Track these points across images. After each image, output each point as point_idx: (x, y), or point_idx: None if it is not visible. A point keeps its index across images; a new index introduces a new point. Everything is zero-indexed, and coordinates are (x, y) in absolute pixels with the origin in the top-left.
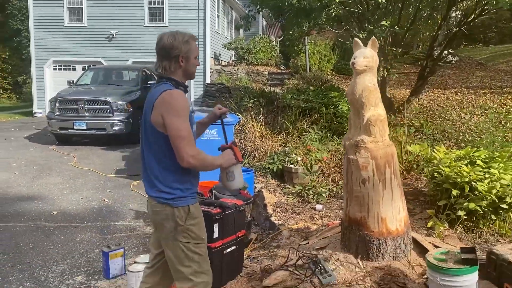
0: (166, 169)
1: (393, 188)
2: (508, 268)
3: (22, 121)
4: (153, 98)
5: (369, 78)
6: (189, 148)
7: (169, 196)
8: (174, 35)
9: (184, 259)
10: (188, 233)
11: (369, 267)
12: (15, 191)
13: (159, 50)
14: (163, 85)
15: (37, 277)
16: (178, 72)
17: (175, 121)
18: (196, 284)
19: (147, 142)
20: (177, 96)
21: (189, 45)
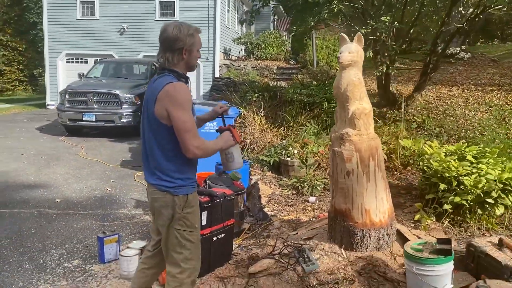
0: (169, 159)
1: (377, 181)
2: (485, 260)
3: (35, 112)
4: (156, 90)
5: (354, 72)
6: (194, 140)
7: (171, 185)
8: (179, 27)
9: (177, 246)
10: (183, 221)
11: (352, 257)
12: (22, 179)
13: (163, 41)
14: (165, 77)
15: (36, 260)
16: (181, 64)
17: (180, 114)
18: (185, 269)
19: (150, 132)
20: (181, 88)
21: (193, 38)
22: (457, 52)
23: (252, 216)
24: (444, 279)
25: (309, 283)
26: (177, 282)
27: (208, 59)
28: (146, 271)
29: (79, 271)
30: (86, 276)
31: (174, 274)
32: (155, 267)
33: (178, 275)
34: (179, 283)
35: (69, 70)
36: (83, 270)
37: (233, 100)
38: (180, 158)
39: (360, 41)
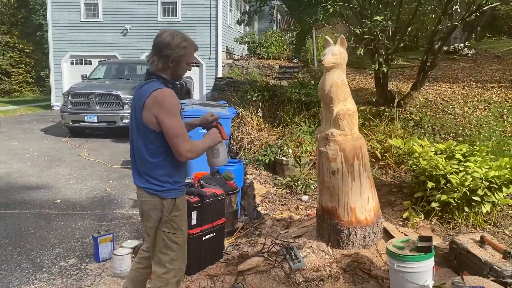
0: (158, 163)
1: (361, 179)
2: (467, 256)
3: (40, 114)
4: (143, 96)
5: (337, 74)
6: (186, 144)
7: (159, 188)
8: (174, 35)
9: (163, 247)
10: (171, 224)
11: (338, 255)
12: (24, 180)
13: (154, 44)
14: (152, 83)
15: (33, 259)
16: (167, 71)
17: (170, 120)
18: (170, 270)
19: (138, 137)
20: (168, 94)
21: (185, 51)
22: (461, 48)
23: (247, 215)
24: (424, 276)
25: (295, 280)
26: (162, 282)
27: (211, 59)
28: (141, 270)
29: (75, 270)
30: (81, 275)
31: (159, 275)
32: (151, 267)
33: (163, 275)
34: (165, 283)
35: (73, 71)
36: (78, 268)
37: (232, 100)
38: (169, 162)
39: (343, 43)
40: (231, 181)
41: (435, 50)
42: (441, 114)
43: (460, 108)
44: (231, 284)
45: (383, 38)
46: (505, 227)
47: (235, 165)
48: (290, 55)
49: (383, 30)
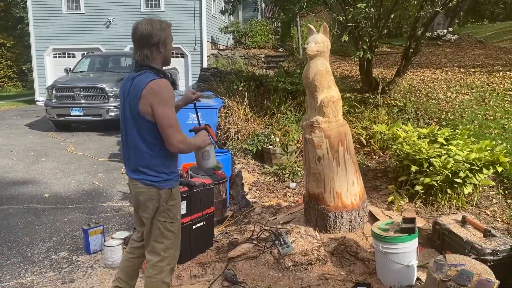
0: (154, 154)
1: (346, 165)
2: (449, 236)
3: (24, 109)
4: (139, 87)
5: (321, 62)
6: (178, 135)
7: (156, 179)
8: (151, 23)
9: (159, 236)
10: (167, 213)
11: (325, 239)
12: (11, 176)
13: (138, 39)
14: (146, 74)
15: (24, 253)
16: (158, 58)
17: (164, 110)
18: (164, 258)
19: (134, 129)
20: (165, 86)
21: (166, 32)
22: (444, 34)
23: (236, 203)
24: (408, 256)
25: (284, 265)
26: (156, 270)
27: (196, 49)
28: (133, 259)
29: (66, 262)
30: (72, 267)
31: (154, 263)
32: (142, 257)
33: (158, 263)
34: (159, 271)
35: (56, 65)
36: (69, 261)
37: (218, 90)
38: (165, 153)
39: (326, 31)
40: (219, 171)
41: (417, 36)
42: (425, 100)
43: (443, 93)
44: (222, 270)
45: (366, 25)
46: (486, 207)
47: (222, 155)
48: (275, 44)
49: (367, 17)
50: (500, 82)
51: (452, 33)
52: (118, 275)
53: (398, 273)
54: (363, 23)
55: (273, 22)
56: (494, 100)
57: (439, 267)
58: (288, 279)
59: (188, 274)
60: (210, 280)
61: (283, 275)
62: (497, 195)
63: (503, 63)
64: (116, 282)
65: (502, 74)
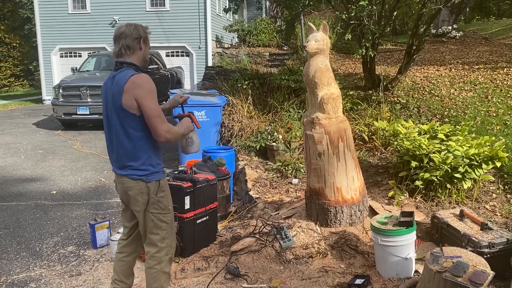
0: (139, 148)
1: (346, 160)
2: (447, 230)
3: (31, 108)
4: (121, 83)
5: (321, 59)
6: (164, 125)
7: (143, 173)
8: (134, 24)
9: (153, 227)
10: (158, 205)
11: (326, 232)
12: (19, 173)
13: (120, 35)
14: (127, 70)
15: (32, 248)
16: (138, 54)
17: (149, 102)
18: (162, 248)
19: (118, 124)
20: (147, 79)
21: (147, 34)
22: (449, 31)
23: (239, 199)
24: (407, 249)
25: (285, 258)
26: (156, 260)
27: (201, 48)
28: (125, 258)
29: (73, 256)
30: (79, 261)
31: (152, 254)
32: (133, 253)
33: (156, 254)
34: (158, 261)
35: (63, 64)
36: (77, 255)
37: (223, 88)
38: (150, 146)
39: (326, 29)
40: (223, 167)
41: (420, 33)
42: (428, 97)
43: (446, 90)
44: (225, 264)
45: (369, 23)
46: (486, 202)
47: (226, 152)
48: (280, 42)
49: (369, 15)
50: (503, 79)
51: (457, 30)
52: (114, 277)
53: (396, 266)
54: (366, 21)
55: (277, 20)
56: (497, 97)
57: (435, 259)
58: (289, 271)
59: (192, 267)
60: (213, 273)
61: (284, 268)
62: (497, 190)
63: (507, 59)
64: (113, 284)
65: (506, 71)
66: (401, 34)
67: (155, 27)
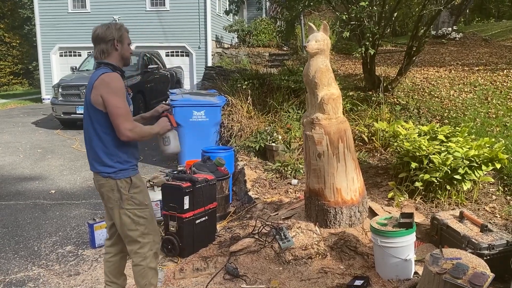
0: (106, 145)
1: (346, 161)
2: (447, 231)
3: (31, 107)
4: (92, 80)
5: (321, 60)
6: (127, 124)
7: (111, 170)
8: (107, 25)
9: (131, 224)
10: (132, 201)
11: (325, 233)
12: (18, 172)
13: (95, 39)
14: (101, 69)
15: (31, 247)
16: (115, 54)
17: (114, 100)
18: (144, 244)
19: (88, 121)
20: (115, 77)
21: (121, 32)
22: (449, 32)
23: (239, 199)
24: (406, 250)
25: (284, 259)
26: (140, 256)
27: (200, 48)
28: (111, 259)
29: (72, 256)
30: (78, 260)
31: (136, 251)
32: (119, 253)
33: (139, 250)
34: (143, 257)
35: (62, 63)
36: (75, 255)
37: (223, 88)
38: (117, 144)
39: (326, 30)
40: (222, 167)
41: (420, 35)
42: (428, 98)
43: (446, 91)
44: (224, 264)
45: (369, 23)
46: (486, 203)
47: (225, 152)
48: (279, 42)
49: (370, 16)
50: (503, 81)
51: (457, 32)
52: (105, 278)
53: (396, 267)
54: (366, 22)
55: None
56: (497, 98)
57: (435, 260)
58: (288, 272)
59: (191, 268)
60: (212, 273)
61: (283, 268)
62: (497, 192)
63: (507, 61)
64: (106, 287)
65: (505, 73)
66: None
67: (155, 27)
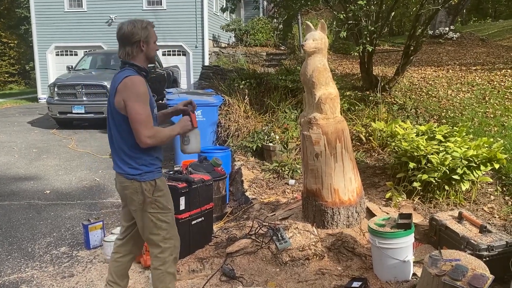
0: (131, 147)
1: (344, 161)
2: (446, 232)
3: (26, 106)
4: (116, 83)
5: (319, 59)
6: (146, 131)
7: (136, 172)
8: (133, 23)
9: (153, 228)
10: (156, 204)
11: (323, 234)
12: (13, 172)
13: (121, 38)
14: (125, 71)
15: (24, 248)
16: (140, 56)
17: (135, 105)
18: (165, 249)
19: (112, 123)
20: (138, 82)
21: (148, 31)
22: (446, 32)
23: (236, 200)
24: (405, 252)
25: (281, 260)
26: (160, 261)
27: (197, 47)
28: (120, 259)
29: (66, 257)
30: (72, 262)
31: (156, 255)
32: (129, 254)
33: (159, 254)
34: (162, 262)
35: (58, 63)
36: (69, 256)
37: (220, 88)
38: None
39: (324, 28)
40: (219, 168)
41: (417, 34)
42: (425, 98)
43: (443, 91)
44: (220, 265)
45: (367, 23)
46: (484, 204)
47: (222, 152)
48: (277, 41)
49: (367, 15)
50: (501, 80)
51: (454, 31)
52: (108, 278)
53: (394, 269)
54: (364, 21)
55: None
56: (494, 98)
57: (434, 262)
58: (286, 274)
59: (187, 269)
60: (208, 275)
61: (280, 270)
62: (495, 192)
63: (504, 61)
64: (107, 286)
65: (503, 72)
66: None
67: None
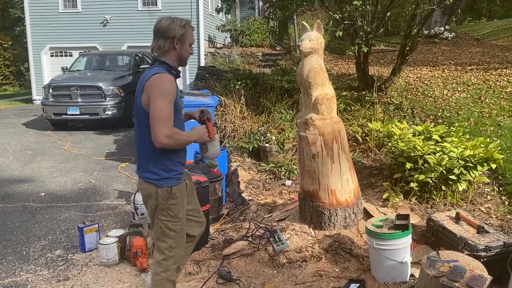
0: (153, 151)
1: (341, 162)
2: (443, 233)
3: (21, 108)
4: (143, 80)
5: (315, 59)
6: (165, 129)
7: (154, 177)
8: (173, 18)
9: (161, 235)
10: (167, 212)
11: (320, 235)
12: (7, 175)
13: (156, 31)
14: (155, 68)
15: (19, 251)
16: (172, 53)
17: (158, 101)
18: (169, 257)
19: (138, 123)
20: (166, 79)
21: (185, 30)
22: (441, 32)
23: (232, 201)
24: (402, 253)
25: (279, 262)
26: (162, 268)
27: (193, 48)
28: None
29: (61, 261)
30: (67, 265)
31: (159, 261)
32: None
33: (162, 261)
34: (164, 269)
35: (53, 63)
36: (65, 259)
37: (215, 88)
38: (163, 150)
39: (320, 29)
40: (215, 169)
41: (413, 34)
42: (421, 97)
43: (439, 91)
44: (217, 268)
45: (363, 23)
46: (481, 204)
47: None
48: (272, 42)
49: (363, 15)
50: (496, 80)
51: (449, 31)
52: None
53: (392, 270)
54: (359, 21)
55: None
56: (490, 98)
57: (432, 263)
58: (283, 276)
59: (183, 272)
60: (205, 278)
61: (277, 272)
62: (492, 192)
63: (499, 60)
64: None
65: (498, 72)
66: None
67: (147, 27)
